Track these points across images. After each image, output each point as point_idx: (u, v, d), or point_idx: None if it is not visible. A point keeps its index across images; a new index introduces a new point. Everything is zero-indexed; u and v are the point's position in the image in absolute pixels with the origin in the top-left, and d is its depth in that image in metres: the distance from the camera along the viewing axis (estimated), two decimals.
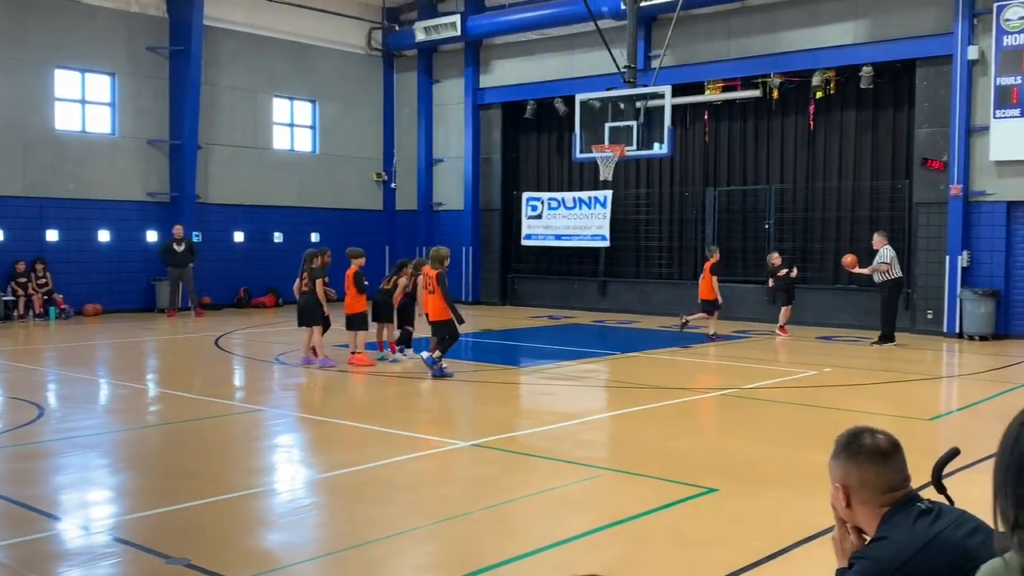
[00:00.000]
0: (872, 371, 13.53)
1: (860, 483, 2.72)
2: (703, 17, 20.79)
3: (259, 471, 8.01)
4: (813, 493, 7.05)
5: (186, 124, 21.77)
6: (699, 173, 21.92)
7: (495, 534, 6.12)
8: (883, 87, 19.17)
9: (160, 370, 14.42)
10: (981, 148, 17.57)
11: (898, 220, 18.99)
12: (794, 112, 20.46)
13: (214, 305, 22.54)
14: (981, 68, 17.48)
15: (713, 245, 18.50)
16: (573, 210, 23.35)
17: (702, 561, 5.59)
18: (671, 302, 21.93)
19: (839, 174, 20.03)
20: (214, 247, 22.88)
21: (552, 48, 23.29)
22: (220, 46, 22.90)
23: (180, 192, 21.91)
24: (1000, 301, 17.44)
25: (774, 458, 8.38)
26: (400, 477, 7.58)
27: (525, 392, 12.55)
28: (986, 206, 17.67)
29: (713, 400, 11.32)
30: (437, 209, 25.84)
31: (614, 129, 18.27)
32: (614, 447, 9.23)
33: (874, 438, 2.76)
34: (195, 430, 9.42)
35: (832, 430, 9.39)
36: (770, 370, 13.80)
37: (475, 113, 24.81)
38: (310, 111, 25.14)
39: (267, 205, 23.95)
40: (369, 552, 5.75)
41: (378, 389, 12.41)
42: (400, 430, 9.29)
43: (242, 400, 11.50)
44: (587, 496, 7.15)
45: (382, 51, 26.14)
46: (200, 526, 6.22)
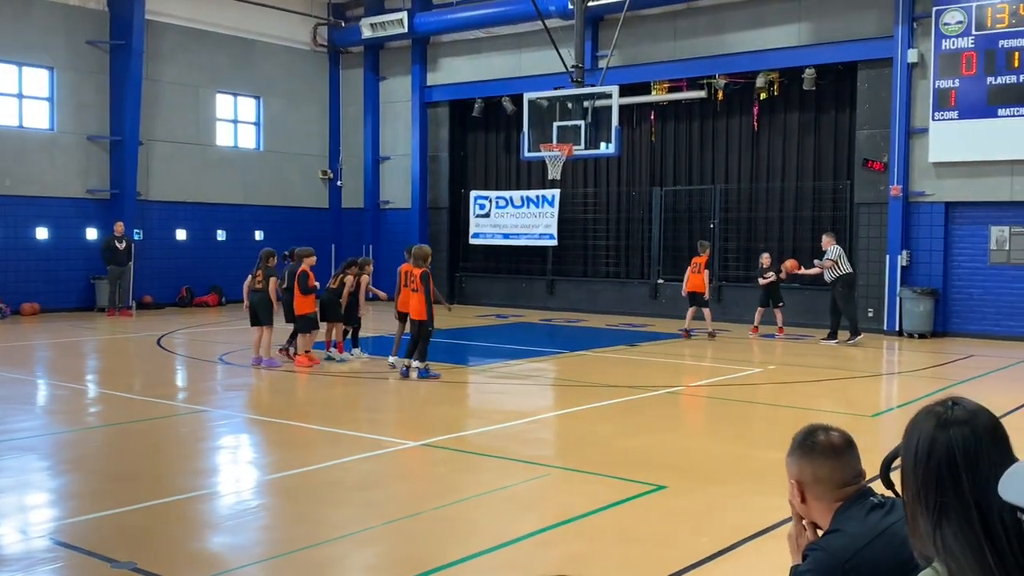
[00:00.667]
0: (815, 368, 13.74)
1: (814, 479, 2.78)
2: (650, 18, 20.94)
3: (205, 473, 7.89)
4: (760, 490, 7.14)
5: (127, 120, 21.37)
6: (646, 173, 22.08)
7: (445, 534, 6.10)
8: (825, 89, 19.48)
9: (101, 370, 14.14)
10: (920, 150, 17.95)
11: (840, 220, 19.32)
12: (739, 113, 20.71)
13: (155, 304, 22.17)
14: (920, 71, 17.85)
15: (705, 240, 18.38)
16: (521, 209, 23.38)
17: (651, 558, 5.62)
18: (618, 301, 22.09)
19: (782, 174, 20.32)
20: (155, 245, 22.49)
21: (500, 47, 23.29)
22: (162, 41, 22.52)
23: (121, 189, 21.50)
24: (939, 300, 17.83)
25: (721, 455, 8.47)
26: (349, 478, 7.52)
27: (474, 391, 12.53)
28: (925, 207, 18.04)
29: (661, 398, 11.41)
30: (384, 207, 25.70)
31: (562, 128, 18.34)
32: (563, 445, 9.26)
33: (828, 435, 2.82)
34: (138, 431, 9.26)
35: (777, 427, 9.54)
36: (716, 368, 13.94)
37: (422, 111, 24.71)
38: (254, 107, 24.84)
39: (210, 203, 23.60)
40: (318, 554, 5.69)
41: (327, 390, 12.30)
42: (349, 430, 9.22)
43: (186, 401, 11.32)
44: (537, 495, 7.16)
45: (328, 47, 25.91)
46: (145, 529, 6.11)
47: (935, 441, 1.92)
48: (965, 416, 1.95)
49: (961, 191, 17.69)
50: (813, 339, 17.55)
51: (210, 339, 16.99)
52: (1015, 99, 16.73)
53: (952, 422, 1.93)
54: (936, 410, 1.98)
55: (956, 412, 1.95)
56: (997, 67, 16.89)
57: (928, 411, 1.99)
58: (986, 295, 17.65)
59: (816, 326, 19.00)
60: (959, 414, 1.95)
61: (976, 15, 17.07)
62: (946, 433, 1.92)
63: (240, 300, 13.89)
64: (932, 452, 1.92)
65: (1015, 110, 16.72)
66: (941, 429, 1.93)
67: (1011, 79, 16.75)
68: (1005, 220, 17.46)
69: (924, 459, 1.92)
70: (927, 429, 1.95)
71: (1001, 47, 16.82)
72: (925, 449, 1.93)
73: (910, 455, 1.97)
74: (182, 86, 23.01)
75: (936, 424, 1.95)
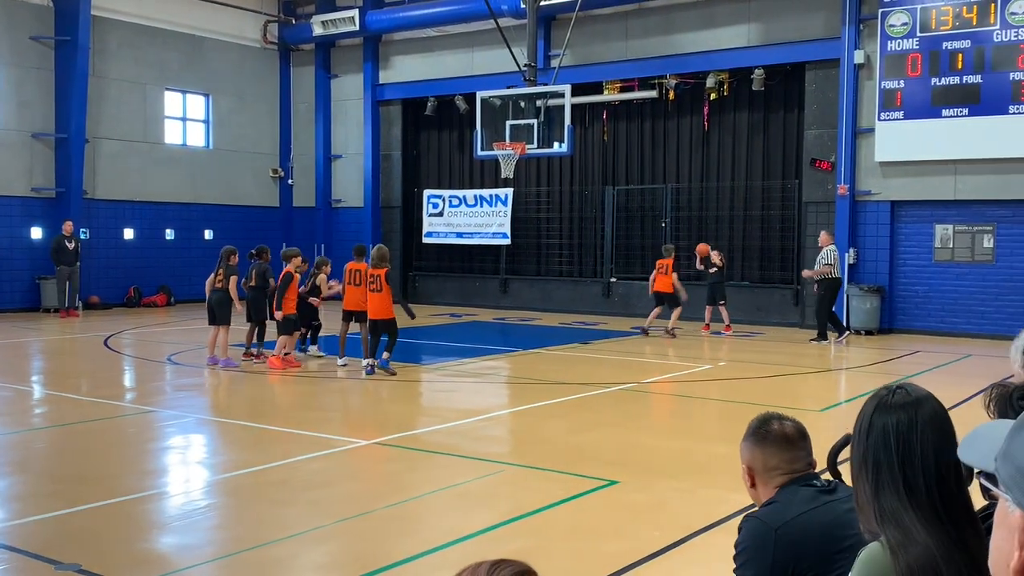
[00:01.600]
0: (765, 365, 13.90)
1: (765, 466, 2.84)
2: (601, 18, 21.04)
3: (152, 473, 7.78)
4: (710, 483, 7.22)
5: (73, 117, 20.99)
6: (598, 172, 22.18)
7: (397, 532, 6.08)
8: (774, 89, 19.72)
9: (46, 371, 13.88)
10: (867, 149, 18.24)
11: (788, 219, 19.58)
12: (689, 113, 20.88)
13: (103, 304, 21.81)
14: (867, 72, 18.14)
15: (670, 244, 18.43)
16: (474, 208, 23.36)
17: (603, 552, 5.65)
18: (572, 299, 22.16)
19: (732, 174, 20.52)
20: (103, 244, 22.12)
21: (453, 45, 23.25)
22: (108, 37, 22.15)
23: (67, 187, 21.11)
24: (884, 297, 18.13)
25: (673, 450, 8.54)
26: (300, 477, 7.46)
27: (427, 389, 12.50)
28: (871, 205, 18.34)
29: (613, 395, 11.46)
30: (336, 206, 25.53)
31: (515, 127, 18.37)
32: (516, 442, 9.27)
33: (782, 424, 2.88)
34: (85, 432, 9.10)
35: (727, 422, 9.61)
36: (667, 365, 14.06)
37: (375, 109, 24.59)
38: (203, 105, 24.53)
39: (158, 201, 23.26)
40: (268, 553, 5.64)
41: (278, 389, 12.19)
42: (300, 430, 9.15)
43: (134, 401, 11.15)
44: (489, 491, 7.16)
45: (278, 44, 25.67)
46: (91, 530, 6.01)
47: (874, 421, 2.04)
48: (905, 401, 2.05)
49: (906, 190, 18.01)
50: (762, 335, 17.76)
51: (159, 339, 16.76)
52: (958, 100, 17.06)
53: (892, 407, 2.04)
54: (880, 393, 2.10)
55: (896, 397, 2.06)
56: (941, 68, 17.22)
57: (875, 395, 2.12)
58: (931, 292, 17.99)
59: (765, 323, 19.24)
60: (899, 399, 2.06)
61: (921, 17, 17.39)
62: (883, 417, 2.04)
63: (187, 300, 13.68)
64: (870, 432, 2.04)
65: (958, 110, 17.05)
66: (880, 413, 2.05)
67: (954, 80, 17.09)
68: (949, 219, 17.80)
69: (864, 436, 2.05)
70: (868, 410, 2.08)
71: (945, 48, 17.16)
72: (865, 428, 2.05)
73: (854, 434, 2.10)
74: (129, 83, 22.66)
75: (876, 407, 2.07)
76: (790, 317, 19.37)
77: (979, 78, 16.86)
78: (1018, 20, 16.53)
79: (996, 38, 16.71)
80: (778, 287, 19.79)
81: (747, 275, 20.24)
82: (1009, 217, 17.23)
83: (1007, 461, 0.99)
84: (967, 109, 16.97)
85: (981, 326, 17.36)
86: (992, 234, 17.42)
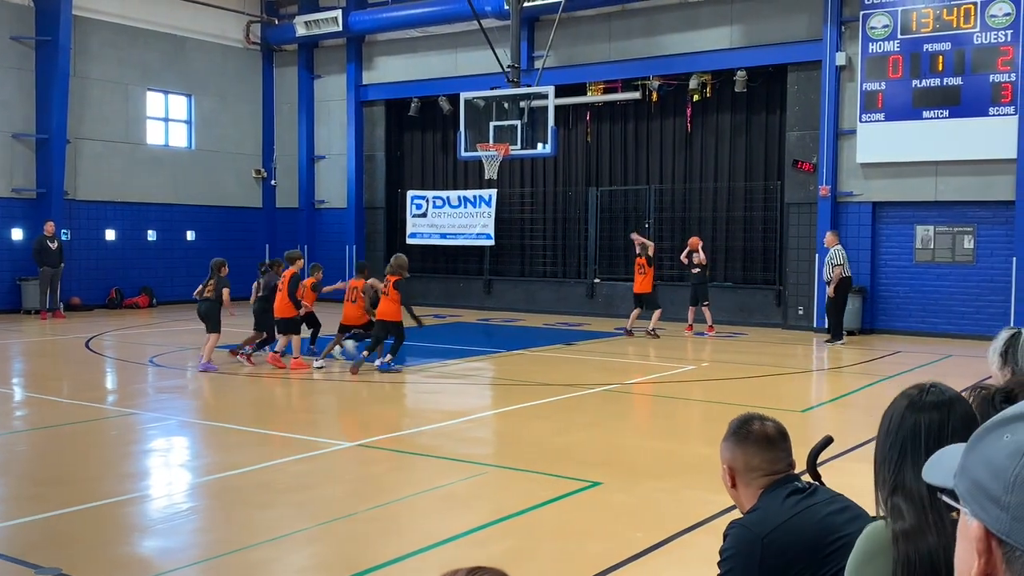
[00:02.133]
0: (747, 365, 13.96)
1: (745, 466, 2.85)
2: (585, 19, 21.08)
3: (134, 476, 7.74)
4: (693, 484, 7.24)
5: (54, 117, 20.85)
6: (582, 173, 22.21)
7: (380, 534, 6.08)
8: (756, 91, 19.80)
9: (27, 373, 13.78)
10: (848, 151, 18.34)
11: (770, 220, 19.66)
12: (672, 114, 20.94)
13: (84, 306, 21.67)
14: (848, 74, 18.23)
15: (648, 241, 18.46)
16: (458, 209, 23.35)
17: (586, 553, 5.66)
18: (555, 300, 22.19)
19: (715, 175, 20.60)
20: (84, 246, 21.99)
21: (436, 46, 23.24)
22: (90, 37, 22.03)
23: (48, 188, 20.98)
24: (866, 298, 18.23)
25: (656, 451, 8.56)
26: (283, 479, 7.44)
27: (411, 391, 12.49)
28: (853, 206, 18.44)
29: (596, 396, 11.49)
30: (319, 207, 25.47)
31: (499, 128, 18.37)
32: (500, 444, 9.27)
33: (763, 425, 2.90)
34: (66, 435, 9.04)
35: (710, 423, 9.62)
36: (651, 365, 14.09)
37: (358, 110, 24.55)
38: (186, 105, 24.43)
39: (140, 202, 23.14)
40: (250, 556, 5.63)
41: (261, 392, 12.15)
42: (283, 432, 9.13)
43: (116, 404, 11.09)
44: (473, 493, 7.16)
45: (261, 45, 25.58)
46: (72, 534, 5.97)
47: (905, 420, 2.08)
48: (937, 401, 2.10)
49: (888, 191, 18.12)
50: (745, 336, 17.83)
51: (141, 341, 16.67)
52: (939, 101, 17.18)
53: (924, 405, 2.09)
54: (911, 392, 2.14)
55: (930, 396, 2.11)
56: (922, 70, 17.33)
57: (905, 394, 2.16)
58: (912, 293, 18.10)
59: (748, 324, 19.32)
60: (931, 399, 2.10)
61: (901, 19, 17.50)
62: (915, 415, 2.08)
63: (183, 301, 13.73)
64: (899, 430, 2.08)
65: (939, 112, 17.17)
66: (911, 410, 2.09)
67: (935, 82, 17.20)
68: (930, 220, 17.92)
69: (893, 433, 2.09)
70: (899, 409, 2.12)
71: (926, 51, 17.27)
72: (895, 426, 2.09)
73: (882, 429, 2.13)
74: (111, 83, 22.54)
75: (908, 405, 2.11)
76: (773, 318, 19.46)
77: (959, 80, 16.99)
78: (998, 23, 16.66)
79: (976, 40, 16.83)
80: (761, 288, 19.88)
81: (730, 276, 20.32)
82: (989, 218, 17.36)
83: (963, 476, 1.04)
84: (948, 111, 17.09)
85: (961, 326, 17.48)
86: (972, 235, 17.54)
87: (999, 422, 1.03)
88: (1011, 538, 0.96)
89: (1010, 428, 1.01)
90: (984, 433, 1.04)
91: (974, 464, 1.02)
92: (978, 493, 1.01)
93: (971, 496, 1.02)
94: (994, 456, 1.00)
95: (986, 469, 1.00)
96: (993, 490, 0.98)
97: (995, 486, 0.98)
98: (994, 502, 0.98)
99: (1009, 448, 0.99)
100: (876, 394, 11.68)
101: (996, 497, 0.98)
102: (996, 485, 0.98)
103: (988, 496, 0.99)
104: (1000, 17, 16.64)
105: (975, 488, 1.01)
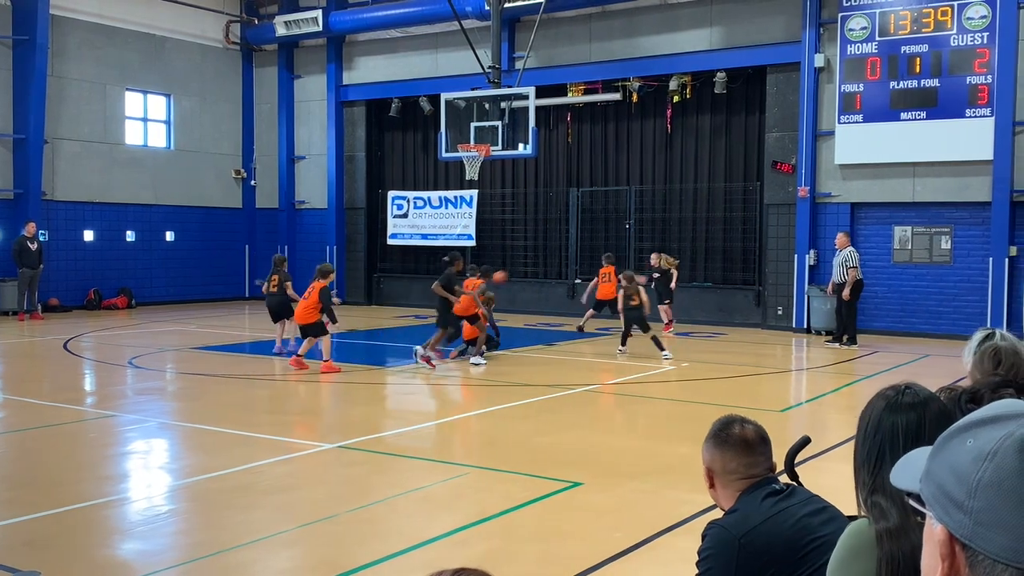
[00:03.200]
0: (727, 365, 14.02)
1: (724, 469, 2.88)
2: (565, 20, 21.11)
3: (113, 478, 7.70)
4: (674, 484, 7.28)
5: (31, 117, 20.69)
6: (563, 174, 22.25)
7: (361, 535, 6.08)
8: (736, 92, 19.90)
9: (5, 375, 13.67)
10: (827, 152, 18.46)
11: (750, 220, 19.77)
12: (652, 115, 21.01)
13: (62, 307, 21.52)
14: (827, 75, 18.36)
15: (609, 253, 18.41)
16: (439, 209, 23.34)
17: (567, 554, 5.68)
18: (536, 300, 22.22)
19: (695, 176, 20.68)
20: (62, 246, 21.83)
21: (417, 46, 23.22)
22: (68, 36, 21.87)
23: (25, 189, 20.81)
24: None
25: (636, 451, 8.60)
26: (263, 481, 7.42)
27: (391, 392, 12.48)
28: (831, 207, 18.56)
29: (577, 396, 11.52)
30: (300, 207, 25.39)
31: (479, 129, 18.39)
32: (480, 445, 9.28)
33: (743, 428, 2.92)
34: (44, 437, 8.99)
35: (690, 423, 9.65)
36: (631, 366, 14.13)
37: (338, 110, 24.49)
38: (164, 105, 24.30)
39: (119, 203, 23.00)
40: (231, 558, 5.62)
41: (242, 393, 12.10)
42: (264, 434, 9.10)
43: (94, 406, 11.03)
44: (453, 494, 7.17)
45: (241, 45, 25.48)
46: (51, 537, 5.94)
47: (883, 421, 2.11)
48: (914, 402, 2.13)
49: (866, 192, 18.25)
50: (725, 336, 17.91)
51: (120, 342, 16.58)
52: (916, 103, 17.33)
53: (901, 406, 2.12)
54: (888, 394, 2.17)
55: (906, 397, 2.14)
56: (900, 72, 17.47)
57: (883, 395, 2.18)
58: (890, 293, 18.23)
59: (727, 324, 19.41)
60: (907, 399, 2.13)
61: (880, 21, 17.64)
62: (893, 416, 2.11)
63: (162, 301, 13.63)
64: (877, 431, 2.10)
65: (916, 114, 17.31)
66: (889, 412, 2.12)
67: (912, 84, 17.35)
68: (908, 220, 18.06)
69: (871, 435, 2.11)
70: (877, 410, 2.14)
71: (903, 53, 17.41)
72: (873, 428, 2.12)
73: (860, 431, 2.16)
74: (89, 83, 22.39)
75: (885, 407, 2.13)
76: (752, 318, 19.56)
77: (936, 82, 17.14)
78: (975, 25, 16.82)
79: (953, 42, 16.98)
80: (740, 288, 19.98)
81: (710, 276, 20.41)
82: (966, 219, 17.52)
83: (929, 480, 1.05)
84: (925, 112, 17.24)
85: (938, 326, 17.63)
86: (949, 236, 17.70)
87: (963, 427, 1.04)
88: (973, 543, 0.97)
89: (972, 433, 1.02)
90: (948, 438, 1.05)
91: (938, 468, 1.03)
92: (942, 497, 1.01)
93: (935, 500, 1.03)
94: (957, 461, 1.01)
95: (950, 474, 1.01)
96: (956, 495, 0.99)
97: (958, 491, 0.99)
98: (958, 507, 0.99)
99: (972, 453, 0.99)
100: (854, 394, 11.78)
101: (959, 502, 0.99)
102: (959, 490, 0.99)
103: (952, 500, 1.00)
104: (976, 20, 16.79)
105: (939, 492, 1.02)
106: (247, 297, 25.51)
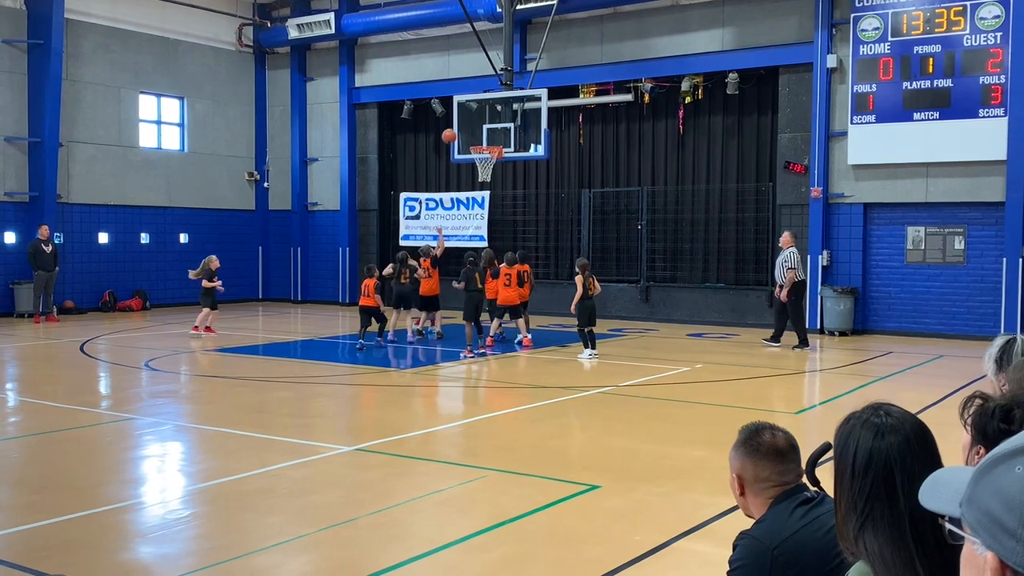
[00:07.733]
0: (741, 367, 14.02)
1: (755, 477, 2.88)
2: (577, 22, 21.13)
3: (132, 482, 7.76)
4: (691, 487, 7.30)
5: (46, 121, 20.82)
6: (574, 175, 22.27)
7: (379, 539, 6.11)
8: (748, 93, 19.88)
9: (21, 378, 13.78)
10: (839, 152, 18.43)
11: (762, 221, 19.75)
12: (664, 116, 21.00)
13: (77, 309, 21.65)
14: (839, 76, 18.33)
15: (511, 253, 17.79)
16: (451, 211, 23.38)
17: (585, 558, 5.71)
18: (548, 302, 22.21)
19: (707, 176, 20.67)
20: (77, 249, 21.97)
21: (429, 49, 23.26)
22: (82, 40, 22.00)
23: (40, 192, 20.95)
24: (858, 298, 18.33)
25: (653, 454, 8.61)
26: (281, 485, 7.47)
27: (407, 395, 12.52)
28: (844, 207, 18.54)
29: (592, 398, 11.54)
30: (312, 209, 25.47)
31: (491, 131, 18.42)
32: (496, 448, 9.30)
33: (773, 436, 2.92)
34: (62, 441, 9.06)
35: (706, 425, 9.66)
36: (645, 367, 14.14)
37: (351, 112, 24.56)
38: (178, 108, 24.41)
39: (133, 205, 23.13)
40: (250, 563, 5.66)
41: (257, 395, 12.16)
42: (281, 436, 9.15)
43: (111, 409, 11.10)
44: (471, 498, 7.20)
45: (254, 48, 25.57)
46: (73, 541, 6.00)
47: (873, 452, 1.95)
48: (896, 424, 1.99)
49: (879, 193, 18.22)
50: (737, 337, 17.90)
51: (135, 344, 16.67)
52: (929, 103, 17.29)
53: (887, 430, 1.97)
54: (873, 420, 2.01)
55: (890, 421, 1.99)
56: (912, 72, 17.44)
57: (863, 421, 2.02)
58: (903, 293, 18.20)
59: (740, 325, 19.40)
60: (892, 422, 1.99)
61: (892, 22, 17.61)
62: (882, 443, 1.96)
63: (176, 303, 13.66)
64: (871, 464, 1.94)
65: (929, 114, 17.28)
66: (878, 439, 1.96)
67: (925, 84, 17.31)
68: (920, 221, 18.03)
69: (862, 470, 1.95)
70: (865, 441, 1.98)
71: (916, 53, 17.38)
72: (864, 461, 1.95)
73: (847, 466, 1.98)
74: (104, 87, 22.51)
75: (874, 435, 1.97)
76: (765, 319, 19.51)
77: (949, 82, 17.10)
78: (987, 25, 16.77)
79: (966, 43, 16.94)
80: (753, 289, 19.96)
81: (722, 277, 20.40)
82: (979, 219, 17.47)
83: (972, 507, 1.04)
84: (938, 113, 17.20)
85: (952, 327, 17.59)
86: (963, 236, 17.65)
87: (1009, 453, 1.03)
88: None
89: (1021, 460, 1.01)
90: (993, 463, 1.04)
91: (984, 495, 1.03)
92: (991, 525, 1.01)
93: (982, 527, 1.02)
94: (1007, 488, 1.00)
95: (999, 501, 1.01)
96: (1008, 523, 0.99)
97: (1010, 519, 0.99)
98: (1009, 535, 0.99)
99: (1022, 481, 0.99)
100: (869, 395, 11.73)
101: (1011, 530, 0.99)
102: (1011, 518, 0.99)
103: (1002, 528, 1.00)
104: (990, 20, 16.75)
105: (987, 520, 1.02)
106: (260, 299, 25.62)
